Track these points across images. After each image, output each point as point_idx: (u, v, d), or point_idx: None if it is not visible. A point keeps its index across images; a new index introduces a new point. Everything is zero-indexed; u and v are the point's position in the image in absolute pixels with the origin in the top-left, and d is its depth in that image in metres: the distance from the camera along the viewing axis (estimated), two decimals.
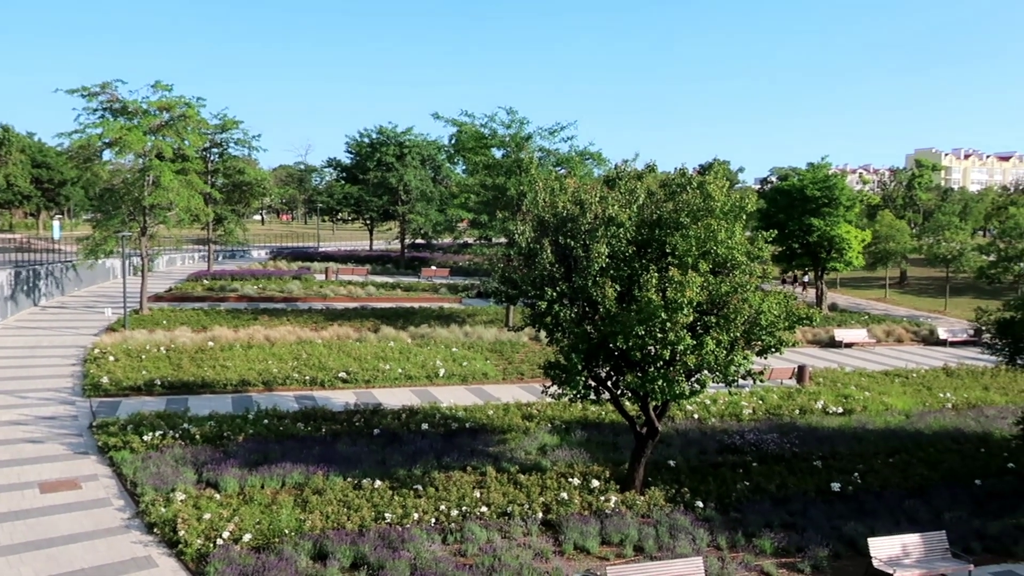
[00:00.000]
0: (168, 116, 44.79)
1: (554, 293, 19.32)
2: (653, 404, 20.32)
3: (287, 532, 17.21)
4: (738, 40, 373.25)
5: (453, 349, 38.10)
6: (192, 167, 47.66)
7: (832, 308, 60.23)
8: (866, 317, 55.49)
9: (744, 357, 18.68)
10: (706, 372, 18.87)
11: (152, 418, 24.76)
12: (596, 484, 20.64)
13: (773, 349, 19.22)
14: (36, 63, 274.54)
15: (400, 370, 33.35)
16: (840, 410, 29.99)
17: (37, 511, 18.50)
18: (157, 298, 50.99)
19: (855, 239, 56.80)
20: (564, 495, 19.77)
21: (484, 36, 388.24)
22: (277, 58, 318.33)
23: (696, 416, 28.04)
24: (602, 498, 19.86)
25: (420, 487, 19.93)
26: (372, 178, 77.17)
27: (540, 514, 18.95)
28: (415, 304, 53.65)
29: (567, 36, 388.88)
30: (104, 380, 29.72)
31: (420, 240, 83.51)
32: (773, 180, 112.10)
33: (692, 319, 17.73)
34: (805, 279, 71.16)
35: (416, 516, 18.31)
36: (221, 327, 39.97)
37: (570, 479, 20.85)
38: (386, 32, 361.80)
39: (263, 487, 20.01)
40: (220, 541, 16.62)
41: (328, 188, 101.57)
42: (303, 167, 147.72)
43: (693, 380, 19.03)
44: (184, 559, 16.29)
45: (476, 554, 16.98)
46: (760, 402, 30.28)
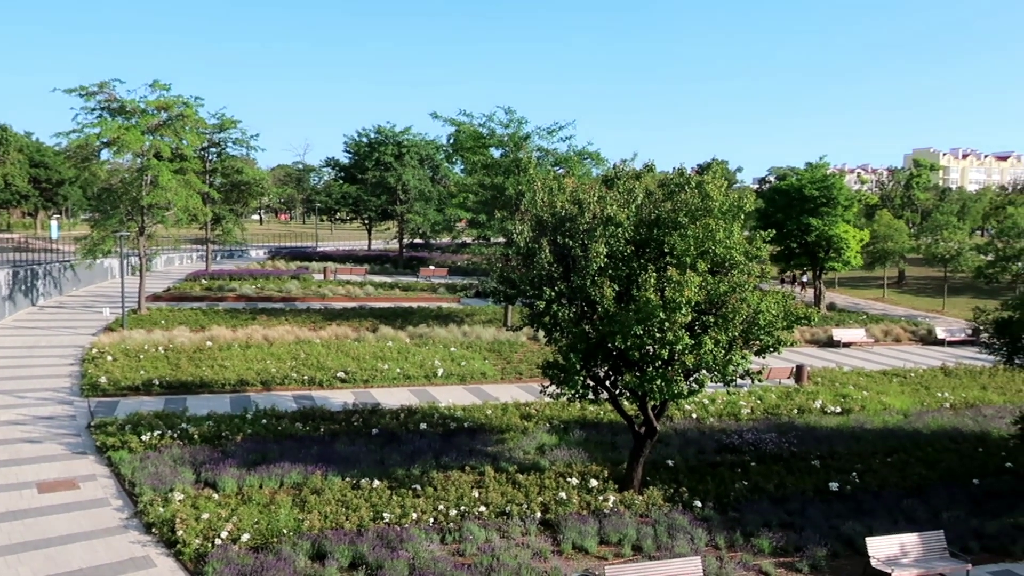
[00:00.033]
0: (166, 115, 44.80)
1: (552, 293, 19.32)
2: (651, 404, 20.33)
3: (285, 532, 17.20)
4: (737, 40, 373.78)
5: (451, 349, 38.10)
6: (190, 167, 47.63)
7: (830, 308, 60.29)
8: (864, 317, 55.56)
9: (742, 357, 18.68)
10: (704, 372, 18.89)
11: (150, 418, 24.75)
12: (594, 484, 20.65)
13: (771, 349, 19.23)
14: (34, 63, 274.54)
15: (398, 370, 33.34)
16: (838, 410, 30.01)
17: (35, 511, 18.49)
18: (155, 298, 50.98)
19: (853, 239, 56.89)
20: (562, 495, 19.78)
21: (483, 35, 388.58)
22: (275, 58, 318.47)
23: (694, 416, 28.06)
24: (600, 498, 19.87)
25: (418, 487, 19.94)
26: (370, 178, 77.16)
27: (538, 514, 18.96)
28: (413, 304, 53.66)
29: (566, 35, 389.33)
30: (102, 380, 29.70)
31: (418, 240, 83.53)
32: (771, 180, 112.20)
33: (690, 319, 17.73)
34: (804, 279, 71.25)
35: (414, 516, 18.31)
36: (219, 327, 39.96)
37: (568, 479, 20.86)
38: (385, 31, 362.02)
39: (261, 487, 20.01)
40: (218, 541, 16.62)
41: (326, 188, 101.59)
42: (301, 167, 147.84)
43: (691, 380, 19.04)
44: (182, 559, 16.29)
45: (474, 554, 16.98)
46: (758, 402, 30.29)
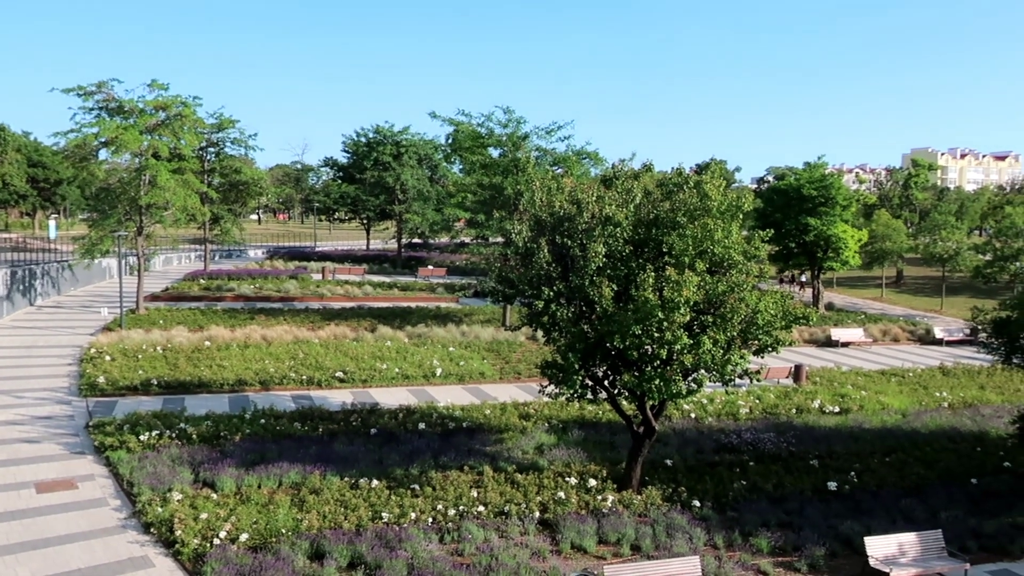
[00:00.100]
0: (164, 115, 44.75)
1: (551, 292, 19.32)
2: (650, 403, 20.34)
3: (284, 532, 17.19)
4: (736, 39, 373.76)
5: (450, 348, 38.10)
6: (188, 166, 47.57)
7: (829, 307, 60.36)
8: (862, 316, 55.62)
9: (741, 356, 18.68)
10: (703, 371, 18.90)
11: (149, 418, 24.73)
12: (593, 483, 20.66)
13: (770, 348, 19.23)
14: (32, 62, 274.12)
15: (397, 370, 33.33)
16: (837, 409, 30.03)
17: (33, 511, 18.47)
18: (153, 298, 50.94)
19: (851, 238, 56.96)
20: (561, 494, 19.79)
21: (481, 34, 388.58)
22: (274, 57, 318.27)
23: (693, 415, 28.07)
24: (599, 497, 19.88)
25: (417, 487, 19.93)
26: (369, 177, 77.13)
27: (537, 513, 18.96)
28: (412, 304, 53.64)
29: (565, 34, 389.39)
30: (100, 380, 29.67)
31: (417, 239, 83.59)
32: (770, 179, 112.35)
33: (689, 318, 17.74)
34: (802, 278, 71.31)
35: (413, 515, 18.31)
36: (218, 327, 39.93)
37: (567, 478, 20.86)
38: (385, 30, 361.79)
39: (260, 487, 19.99)
40: (217, 541, 16.60)
41: (325, 187, 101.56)
42: (300, 166, 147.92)
43: (690, 379, 19.05)
44: (181, 559, 16.28)
45: (473, 553, 16.98)
46: (757, 401, 30.30)
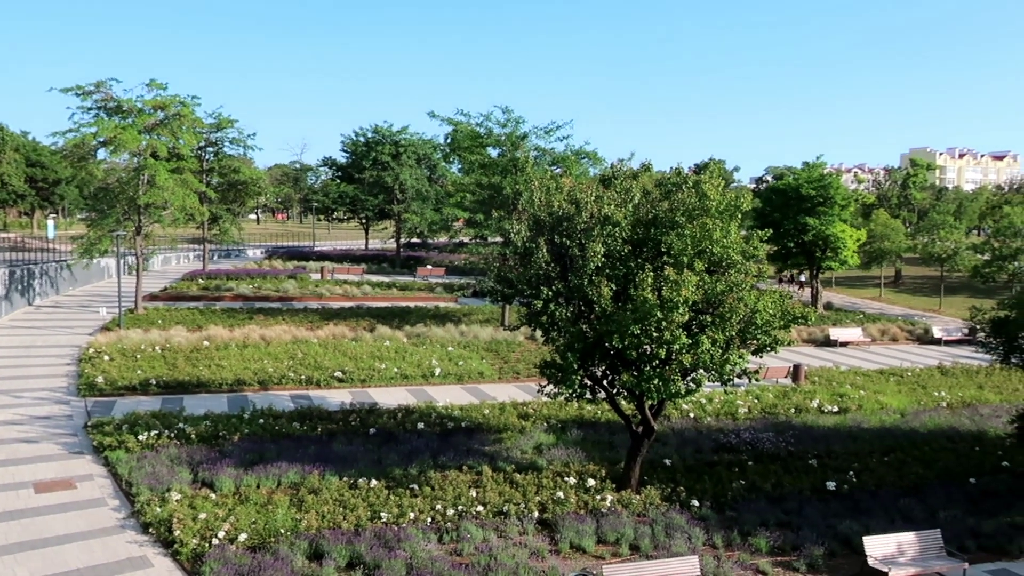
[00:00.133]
0: (163, 115, 44.73)
1: (550, 292, 19.32)
2: (649, 403, 20.34)
3: (283, 532, 17.19)
4: (734, 39, 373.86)
5: (449, 348, 38.09)
6: (187, 166, 47.58)
7: (827, 307, 60.40)
8: (861, 316, 55.65)
9: (740, 356, 18.69)
10: (702, 371, 18.91)
11: (147, 418, 24.72)
12: (592, 483, 20.66)
13: (768, 348, 19.24)
14: (30, 61, 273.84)
15: (396, 369, 33.32)
16: (835, 409, 30.04)
17: (32, 511, 18.45)
18: (152, 297, 50.91)
19: (850, 238, 57.01)
20: (560, 494, 19.79)
21: (480, 33, 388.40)
22: (273, 56, 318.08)
23: (692, 415, 28.07)
24: (598, 497, 19.88)
25: (416, 486, 19.93)
26: (368, 177, 77.11)
27: (536, 513, 18.96)
28: (411, 303, 53.64)
29: (562, 33, 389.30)
30: (99, 380, 29.65)
31: (416, 239, 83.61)
32: (768, 179, 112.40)
33: (688, 318, 17.74)
34: (801, 278, 71.36)
35: (412, 515, 18.30)
36: (216, 326, 39.92)
37: (566, 478, 20.86)
38: (384, 30, 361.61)
39: (259, 487, 19.98)
40: (216, 541, 16.59)
41: (324, 187, 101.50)
42: (299, 166, 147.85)
43: (689, 379, 19.05)
44: (179, 559, 16.27)
45: (472, 553, 16.99)
46: (756, 401, 30.31)
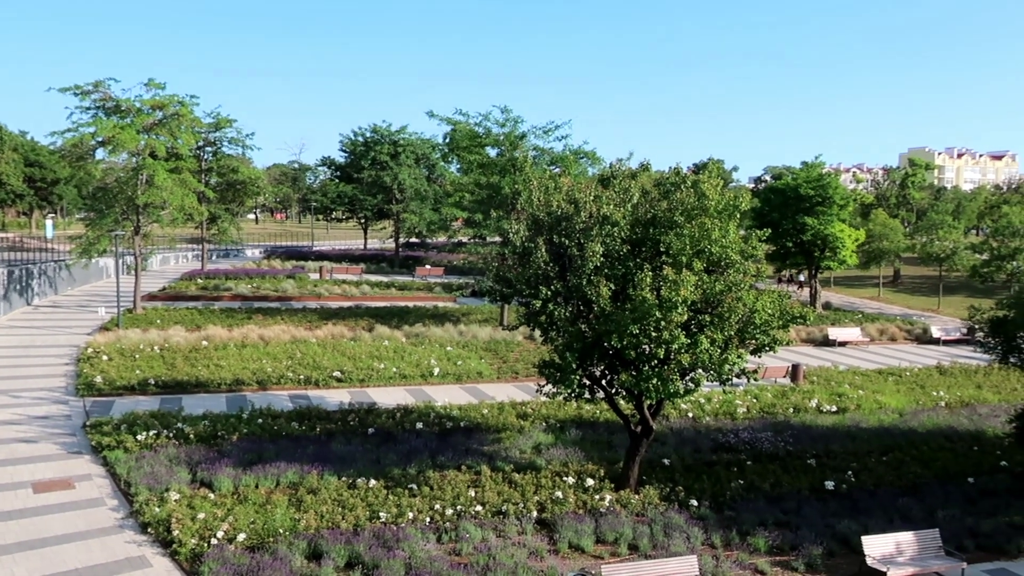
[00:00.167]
0: (161, 114, 44.70)
1: (549, 292, 19.32)
2: (647, 403, 20.35)
3: (282, 532, 17.18)
4: (733, 39, 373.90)
5: (448, 348, 38.08)
6: (186, 166, 47.54)
7: (826, 307, 60.44)
8: (860, 316, 55.69)
9: (738, 356, 18.69)
10: (700, 371, 18.92)
11: (146, 417, 24.71)
12: (591, 483, 20.67)
13: (767, 348, 19.25)
14: (28, 61, 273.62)
15: (395, 369, 33.32)
16: (834, 408, 30.07)
17: (31, 511, 18.44)
18: (151, 297, 50.86)
19: (849, 238, 57.04)
20: (559, 494, 19.79)
21: (479, 32, 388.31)
22: (271, 56, 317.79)
23: (691, 415, 28.09)
24: (597, 497, 19.89)
25: (415, 486, 19.93)
26: (366, 177, 77.09)
27: (535, 513, 18.97)
28: (410, 303, 53.62)
29: (564, 34, 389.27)
30: (98, 379, 29.63)
31: (414, 239, 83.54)
32: (767, 179, 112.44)
33: (686, 318, 17.74)
34: (800, 278, 71.41)
35: (411, 515, 18.30)
36: (215, 326, 39.89)
37: (565, 478, 20.86)
38: (383, 29, 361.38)
39: (257, 486, 19.97)
40: (214, 541, 16.59)
41: (322, 187, 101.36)
42: (297, 166, 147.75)
43: (687, 379, 19.05)
44: (178, 559, 16.27)
45: (471, 553, 16.99)
46: (754, 401, 30.33)
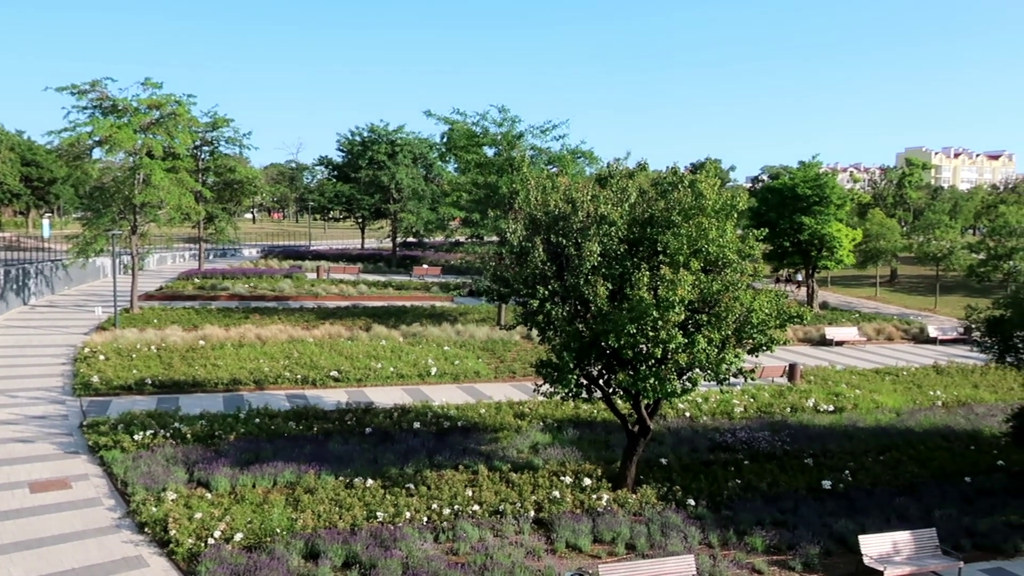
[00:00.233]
0: (158, 114, 44.68)
1: (546, 291, 19.33)
2: (645, 402, 20.36)
3: (279, 531, 17.17)
4: (731, 39, 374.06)
5: (445, 348, 38.07)
6: (183, 165, 47.46)
7: (823, 306, 60.48)
8: (857, 315, 55.75)
9: (735, 355, 18.72)
10: (697, 370, 18.93)
11: (143, 417, 24.67)
12: (588, 482, 20.67)
13: (764, 347, 19.26)
14: (26, 60, 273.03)
15: (392, 369, 33.30)
16: (831, 408, 30.10)
17: (27, 511, 18.41)
18: (148, 297, 50.77)
19: (846, 237, 57.08)
20: (556, 493, 19.80)
21: (476, 29, 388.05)
22: (269, 56, 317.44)
23: (688, 414, 28.10)
24: (594, 496, 19.90)
25: (412, 486, 19.92)
26: (364, 176, 77.00)
27: (532, 512, 18.98)
28: (407, 303, 53.59)
29: (560, 32, 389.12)
30: (94, 379, 29.59)
31: (412, 239, 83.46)
32: (764, 179, 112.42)
33: (683, 317, 17.75)
34: (797, 277, 71.45)
35: (408, 515, 18.30)
36: (212, 326, 39.84)
37: (562, 477, 20.87)
38: (382, 28, 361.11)
39: (254, 486, 19.96)
40: (211, 540, 16.57)
41: (319, 186, 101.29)
42: (294, 165, 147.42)
43: (684, 378, 19.07)
44: (175, 559, 16.25)
45: (468, 552, 16.99)
46: (751, 400, 30.35)
